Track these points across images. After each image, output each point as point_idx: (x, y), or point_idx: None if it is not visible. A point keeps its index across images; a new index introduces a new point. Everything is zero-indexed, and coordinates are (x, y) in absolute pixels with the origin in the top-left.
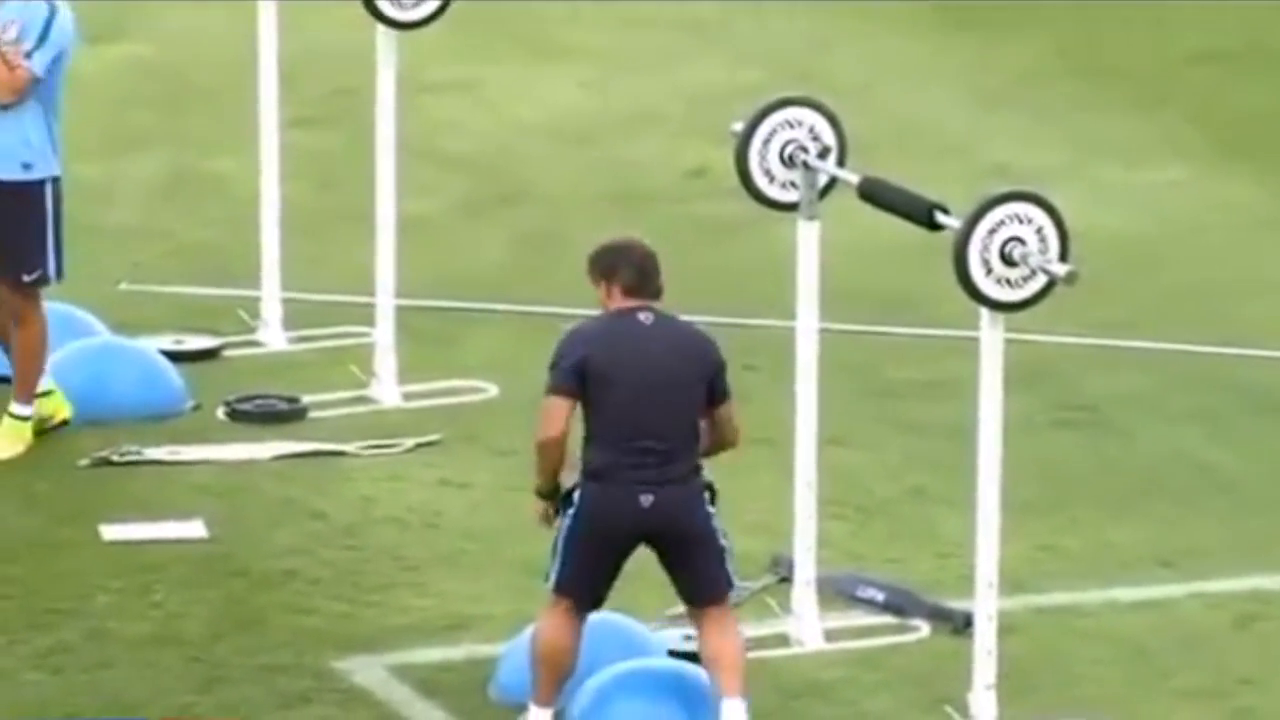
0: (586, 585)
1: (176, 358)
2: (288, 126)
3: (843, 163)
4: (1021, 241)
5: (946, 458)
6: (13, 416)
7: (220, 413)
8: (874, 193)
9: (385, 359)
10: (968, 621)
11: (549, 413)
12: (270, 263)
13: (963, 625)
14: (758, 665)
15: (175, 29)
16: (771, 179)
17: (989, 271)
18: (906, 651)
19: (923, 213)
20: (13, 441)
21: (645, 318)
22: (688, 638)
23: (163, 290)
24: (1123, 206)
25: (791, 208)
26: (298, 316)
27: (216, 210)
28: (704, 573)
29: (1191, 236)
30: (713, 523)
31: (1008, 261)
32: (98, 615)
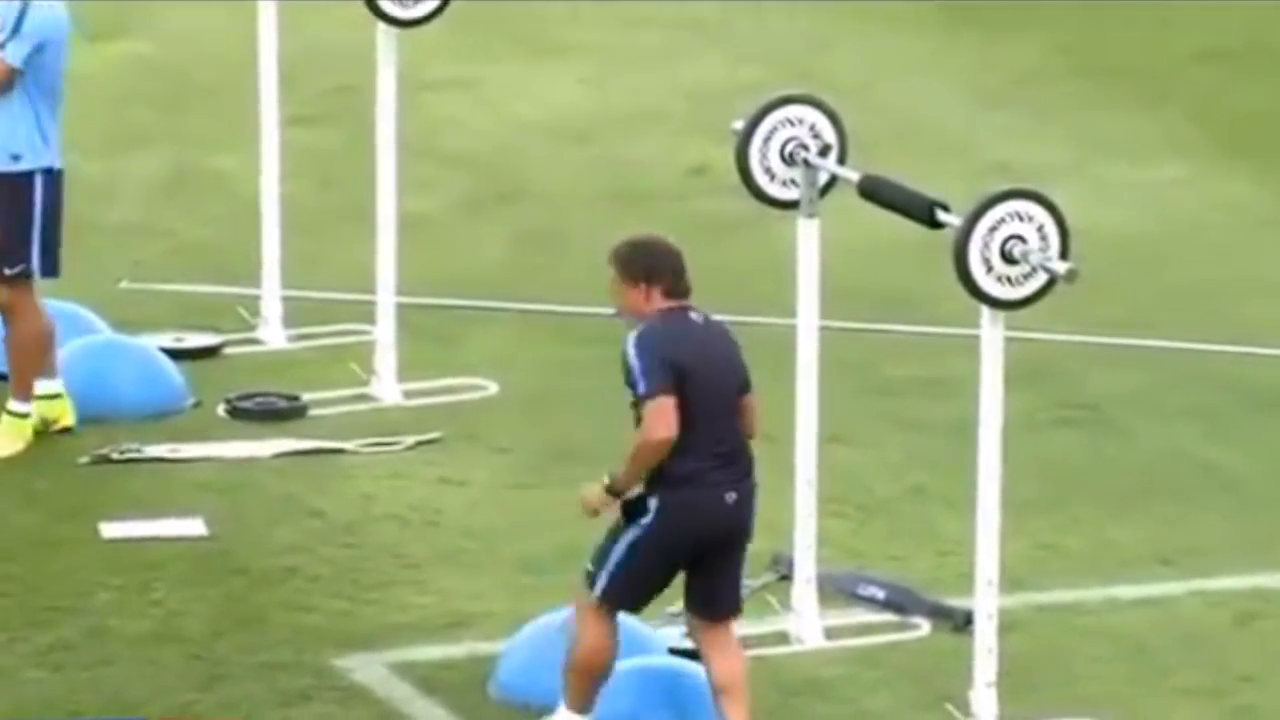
0: (642, 594)
1: (177, 355)
2: (288, 124)
3: (843, 160)
4: (1022, 239)
5: (947, 456)
6: (10, 414)
7: (221, 410)
8: (875, 190)
9: (385, 357)
10: (968, 619)
11: (663, 412)
12: (271, 261)
13: (963, 623)
14: (758, 663)
15: (176, 27)
16: (772, 177)
17: (990, 269)
18: (907, 649)
19: (923, 210)
20: (12, 439)
21: (697, 317)
22: (688, 634)
23: (163, 288)
24: (1124, 205)
25: (792, 205)
26: (298, 314)
27: (217, 208)
28: (736, 580)
29: (1192, 235)
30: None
31: (1008, 259)
32: (98, 613)
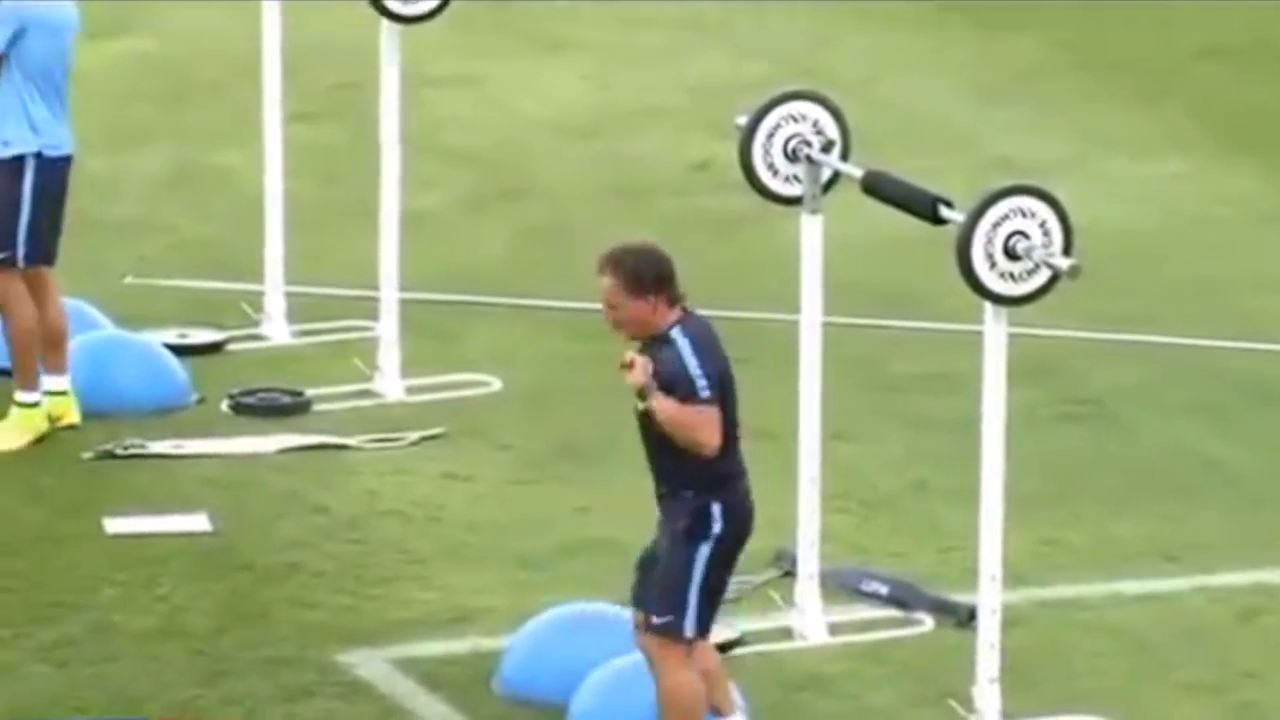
0: (717, 607)
1: (181, 351)
2: (291, 121)
3: (846, 156)
4: (1025, 235)
5: (950, 452)
6: (19, 404)
7: (224, 406)
8: (878, 186)
9: (389, 353)
10: (971, 615)
11: (715, 423)
12: (274, 257)
13: (966, 619)
14: (761, 659)
15: (179, 24)
16: (775, 173)
17: (992, 265)
18: (910, 645)
19: (926, 206)
20: (22, 430)
21: (704, 319)
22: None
23: (167, 284)
24: (1126, 200)
25: (795, 201)
26: (301, 310)
27: (221, 204)
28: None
29: (1195, 230)
30: None
31: (1011, 255)
32: (102, 608)
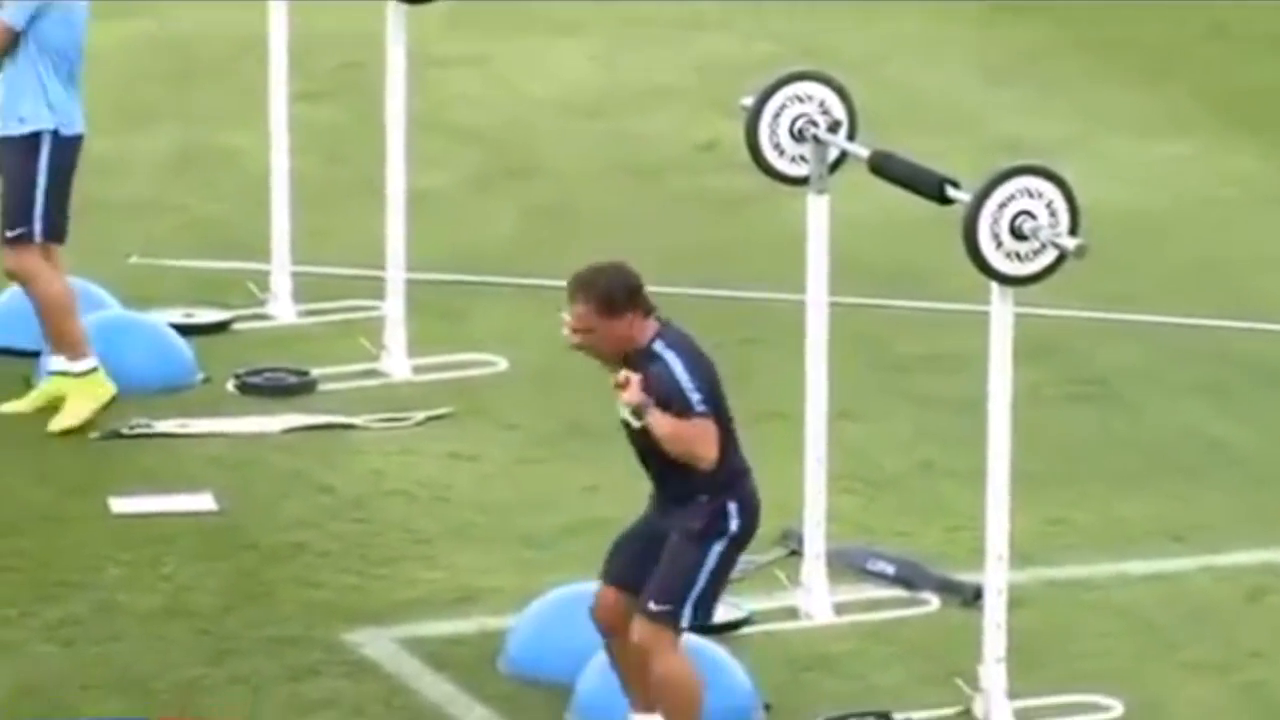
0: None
1: (186, 331)
2: (297, 100)
3: (853, 136)
4: (1031, 215)
5: (956, 431)
6: (73, 375)
7: (230, 386)
8: (884, 167)
9: (395, 332)
10: (977, 595)
11: (712, 436)
12: (280, 236)
13: (972, 598)
14: (767, 638)
15: (185, 4)
16: (781, 153)
17: (999, 245)
18: (916, 625)
19: (933, 187)
20: (83, 402)
21: (679, 328)
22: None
23: (173, 264)
24: (1131, 180)
25: (801, 182)
26: (307, 290)
27: (226, 184)
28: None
29: (1200, 210)
30: None
31: (1018, 235)
32: (107, 588)
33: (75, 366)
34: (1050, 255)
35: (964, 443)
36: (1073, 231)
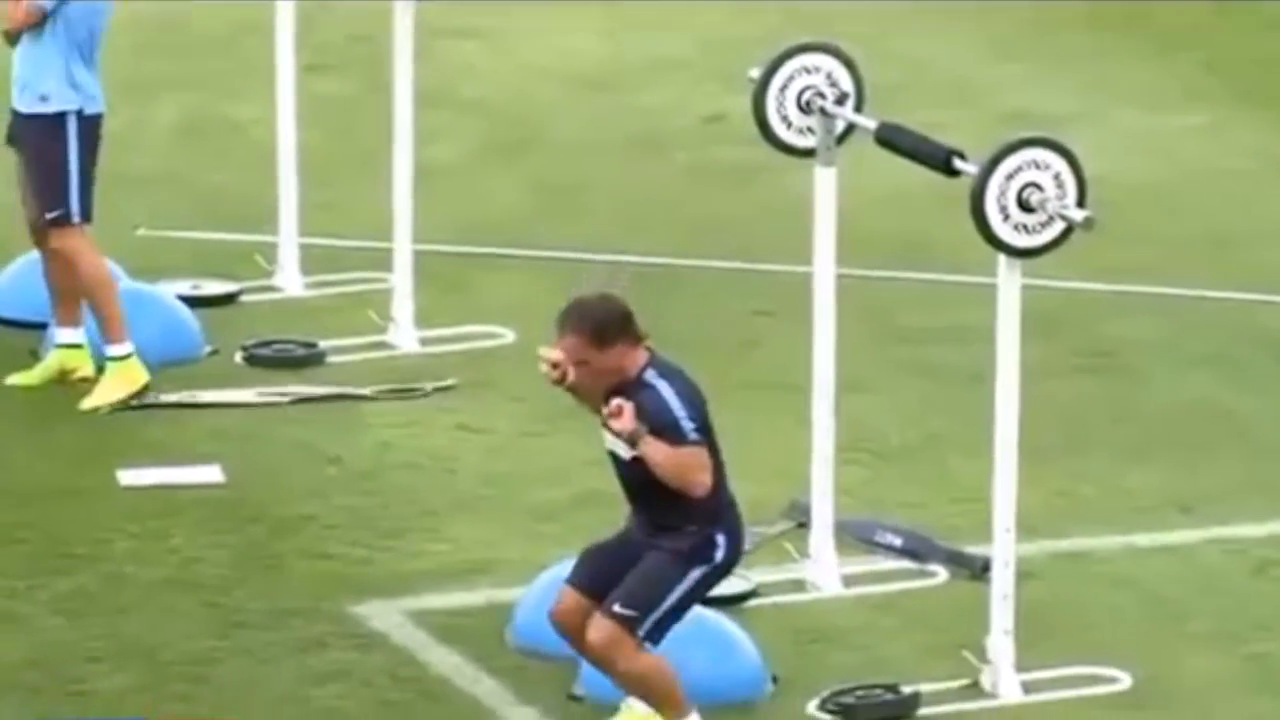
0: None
1: (194, 303)
2: (304, 73)
3: (860, 109)
4: (1039, 187)
5: (964, 403)
6: (110, 359)
7: (238, 358)
8: (891, 138)
9: (402, 304)
10: (985, 567)
11: (706, 464)
12: (288, 208)
13: (980, 571)
14: (776, 610)
15: None
16: (789, 125)
17: (1006, 217)
18: (924, 597)
19: (940, 158)
20: (117, 385)
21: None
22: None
23: (180, 236)
24: (1141, 152)
25: (809, 154)
26: (315, 262)
27: (234, 156)
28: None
29: (1210, 182)
30: None
31: (1025, 207)
32: (116, 560)
33: (114, 350)
34: (1058, 227)
35: (972, 415)
36: (1080, 203)
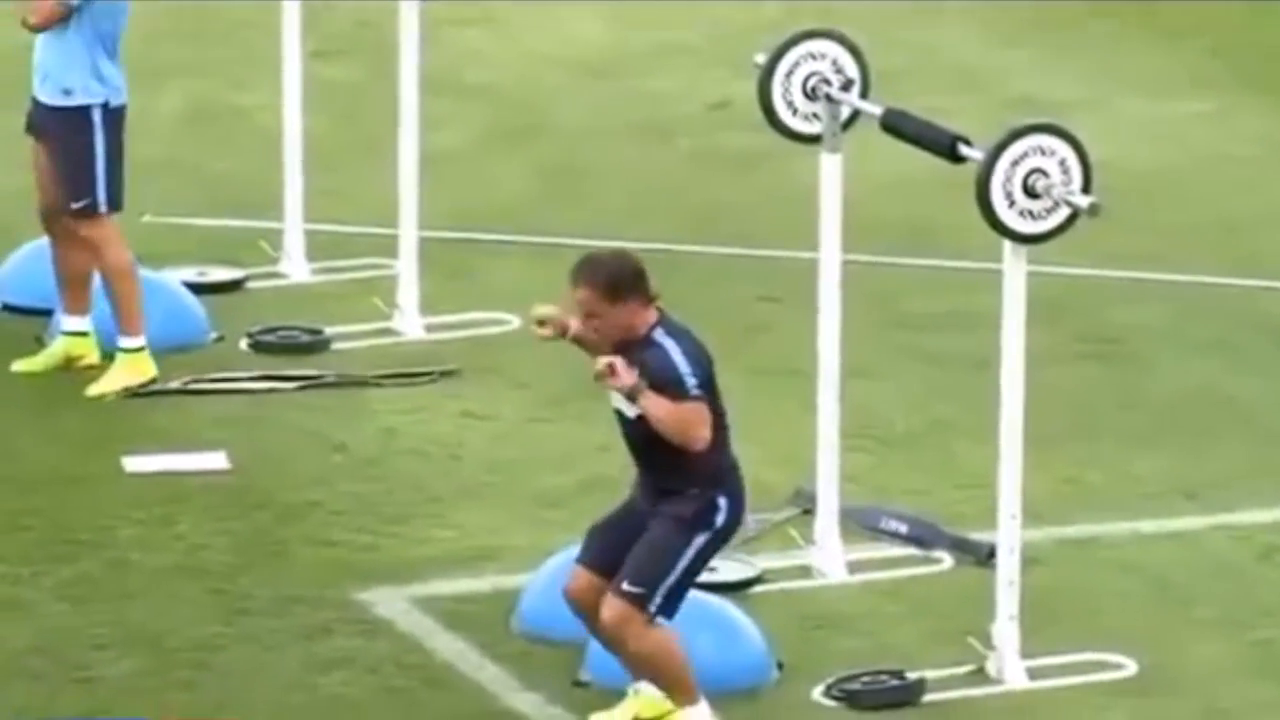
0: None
1: (200, 289)
2: (310, 59)
3: (866, 95)
4: (1044, 173)
5: (969, 390)
6: (122, 350)
7: (243, 344)
8: (897, 125)
9: (408, 291)
10: (990, 553)
11: (706, 418)
12: (293, 195)
13: (985, 557)
14: (781, 597)
15: None
16: (794, 111)
17: (1012, 203)
18: (929, 583)
19: (946, 145)
20: (128, 374)
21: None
22: (711, 569)
23: (186, 222)
24: (1147, 139)
25: (814, 140)
26: (321, 248)
27: (240, 143)
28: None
29: (1215, 169)
30: None
31: (1030, 193)
32: (120, 547)
33: (126, 342)
34: (1063, 213)
35: (977, 401)
36: (1085, 189)
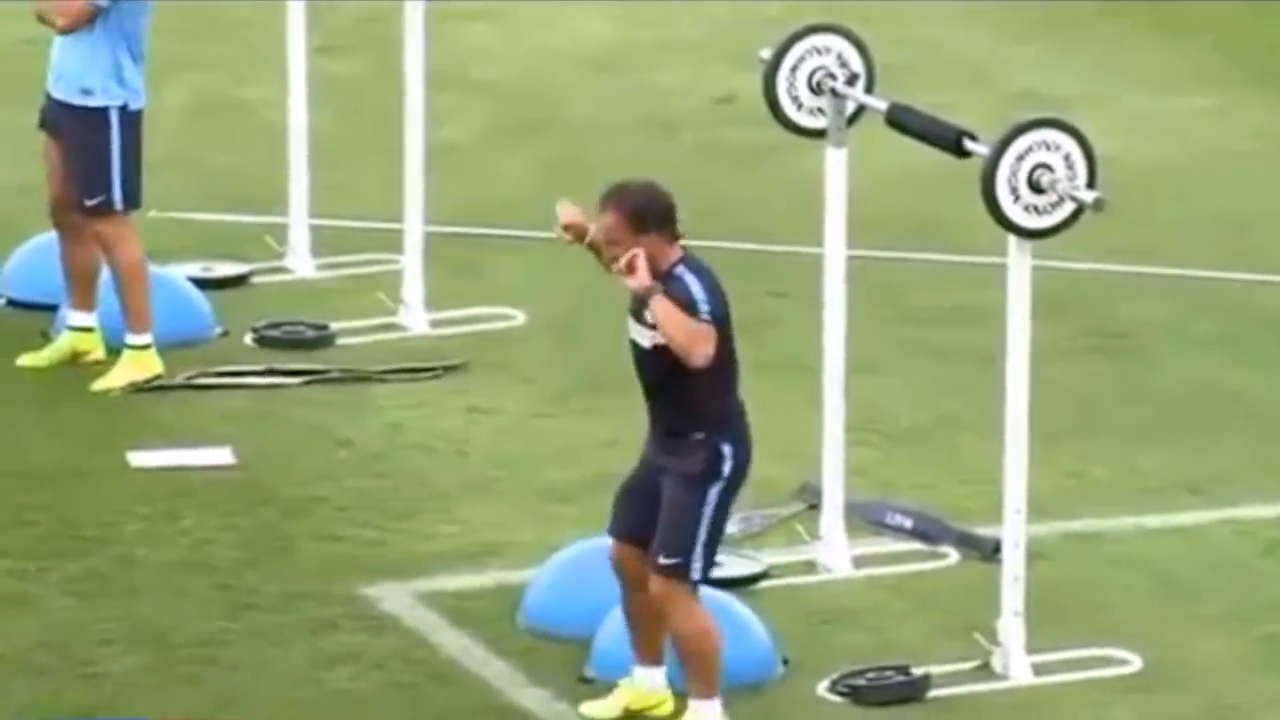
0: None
1: (205, 285)
2: (315, 54)
3: (871, 89)
4: (1049, 168)
5: (974, 385)
6: (129, 347)
7: (248, 340)
8: (902, 119)
9: (413, 286)
10: (995, 548)
11: (710, 339)
12: (298, 190)
13: (990, 552)
14: (786, 591)
15: None
16: (799, 106)
17: (1017, 198)
18: (934, 578)
19: (951, 139)
20: (133, 370)
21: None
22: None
23: (191, 217)
24: (1151, 134)
25: (819, 134)
26: (325, 244)
27: (245, 138)
28: None
29: (1219, 164)
30: None
31: (1036, 188)
32: (126, 542)
33: (134, 339)
34: (1068, 208)
35: (982, 396)
36: (1090, 184)
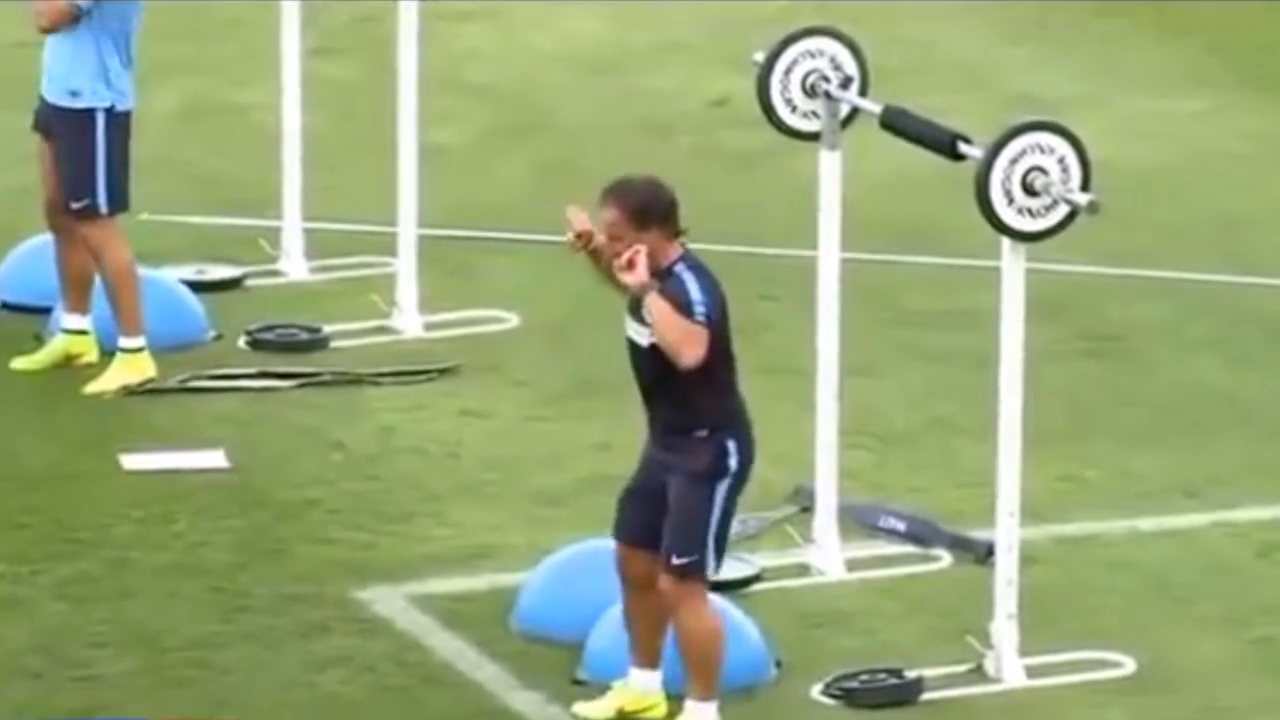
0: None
1: (198, 288)
2: (310, 56)
3: (864, 92)
4: (1043, 171)
5: (968, 388)
6: (121, 350)
7: (242, 343)
8: (896, 122)
9: (407, 289)
10: (989, 551)
11: (702, 341)
12: (292, 192)
13: (984, 555)
14: (780, 594)
15: None
16: (793, 109)
17: (1011, 201)
18: (928, 581)
19: (945, 142)
20: (126, 373)
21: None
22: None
23: (185, 220)
24: (1145, 137)
25: (813, 137)
26: (319, 246)
27: (238, 140)
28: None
29: (1213, 167)
30: None
31: (1029, 191)
32: (119, 545)
33: (126, 342)
34: (1062, 211)
35: (976, 399)
36: (1085, 187)
